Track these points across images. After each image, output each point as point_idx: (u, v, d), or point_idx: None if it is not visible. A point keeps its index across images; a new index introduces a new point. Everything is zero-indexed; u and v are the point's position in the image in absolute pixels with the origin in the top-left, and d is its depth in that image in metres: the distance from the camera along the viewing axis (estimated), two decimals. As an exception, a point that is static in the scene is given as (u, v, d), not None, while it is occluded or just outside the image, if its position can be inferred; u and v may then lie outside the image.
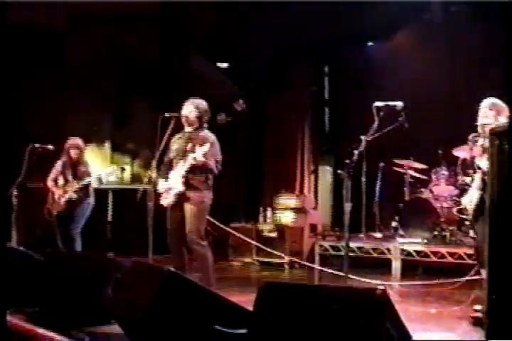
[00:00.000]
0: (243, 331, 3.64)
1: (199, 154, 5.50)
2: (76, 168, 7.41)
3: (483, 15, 8.35)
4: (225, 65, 10.61)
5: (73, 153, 7.40)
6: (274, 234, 9.10)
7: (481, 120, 5.14)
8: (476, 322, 4.91)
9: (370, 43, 10.37)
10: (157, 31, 10.27)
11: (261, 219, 9.65)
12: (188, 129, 5.92)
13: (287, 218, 9.33)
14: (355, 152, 4.61)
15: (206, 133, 5.85)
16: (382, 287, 3.16)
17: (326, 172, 11.19)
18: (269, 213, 9.52)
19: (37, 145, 7.18)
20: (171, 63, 10.41)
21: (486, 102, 5.19)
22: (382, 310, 3.13)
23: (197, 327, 3.62)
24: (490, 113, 5.09)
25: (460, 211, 7.55)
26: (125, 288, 4.15)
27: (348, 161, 4.57)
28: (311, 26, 9.61)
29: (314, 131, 10.98)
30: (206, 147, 5.51)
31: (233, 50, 10.33)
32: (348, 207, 4.61)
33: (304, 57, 10.77)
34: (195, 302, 3.68)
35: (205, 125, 5.93)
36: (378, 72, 10.04)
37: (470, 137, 7.49)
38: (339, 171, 4.80)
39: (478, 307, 5.02)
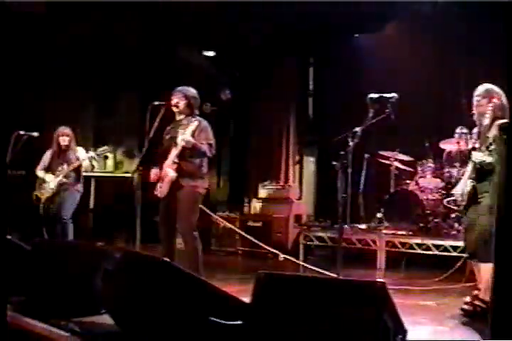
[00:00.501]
0: (238, 322, 3.61)
1: (187, 134, 5.45)
2: (66, 155, 7.43)
3: (470, 7, 8.34)
4: (211, 54, 10.51)
5: (62, 140, 7.44)
6: (258, 224, 9.10)
7: (475, 109, 5.05)
8: (466, 314, 4.92)
9: (357, 35, 10.31)
10: (143, 19, 10.14)
11: (245, 209, 9.63)
12: (179, 117, 5.86)
13: (272, 208, 9.31)
14: (351, 143, 4.58)
15: (198, 118, 5.78)
16: (381, 279, 3.15)
17: (309, 163, 11.20)
18: (254, 203, 9.51)
19: (22, 132, 7.10)
20: (157, 51, 10.30)
21: (479, 90, 5.06)
22: (381, 302, 3.12)
23: (190, 318, 3.57)
24: (483, 101, 4.98)
25: (449, 202, 7.57)
26: (116, 277, 4.09)
27: (343, 152, 4.54)
28: (298, 16, 9.57)
29: (300, 122, 10.97)
30: (192, 126, 5.48)
31: (220, 38, 10.25)
32: (343, 198, 4.56)
33: (290, 47, 10.72)
34: (189, 293, 3.62)
35: (197, 111, 5.87)
36: (365, 64, 10.04)
37: (457, 130, 7.55)
38: (334, 162, 4.76)
39: (467, 298, 5.02)
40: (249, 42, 10.42)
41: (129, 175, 8.52)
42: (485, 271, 4.96)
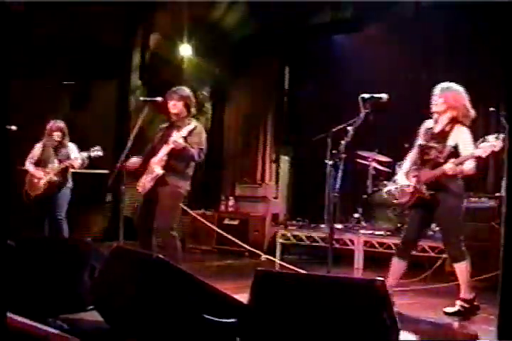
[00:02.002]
0: (232, 320, 3.59)
1: (179, 137, 5.40)
2: (58, 151, 7.30)
3: (450, 9, 8.42)
4: (189, 50, 10.42)
5: (56, 135, 7.30)
6: (235, 223, 9.08)
7: (432, 108, 5.15)
8: (450, 314, 4.99)
9: (337, 35, 10.34)
10: (121, 12, 10.05)
11: (222, 207, 9.60)
12: (175, 118, 5.80)
13: (249, 207, 9.30)
14: (342, 142, 4.60)
15: (192, 120, 5.75)
16: (381, 278, 3.15)
17: (284, 162, 11.21)
18: (231, 202, 9.48)
19: (-4, 124, 6.96)
20: (135, 46, 10.21)
21: (436, 89, 5.15)
22: (380, 300, 3.12)
23: (184, 316, 3.54)
24: (439, 100, 5.08)
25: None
26: (107, 274, 4.04)
27: (335, 152, 4.55)
28: (276, 16, 9.59)
29: (277, 121, 10.98)
30: (189, 127, 5.44)
31: (198, 35, 10.20)
32: (333, 197, 4.56)
33: (268, 47, 10.73)
34: (183, 291, 3.59)
35: (193, 111, 5.83)
36: (342, 64, 10.06)
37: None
38: (326, 161, 4.77)
39: (449, 309, 5.06)
40: (227, 41, 10.40)
41: (105, 171, 8.47)
42: (460, 270, 5.03)
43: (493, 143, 4.58)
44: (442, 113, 5.06)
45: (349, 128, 4.71)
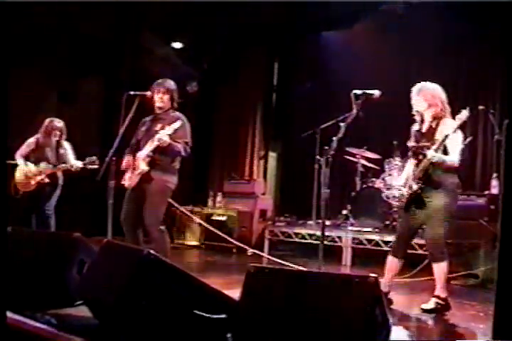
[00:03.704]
0: (223, 316, 3.58)
1: (164, 134, 5.36)
2: (55, 151, 7.24)
3: (440, 6, 8.44)
4: (178, 46, 10.39)
5: (54, 135, 7.24)
6: (223, 219, 9.06)
7: (414, 108, 5.16)
8: (426, 311, 4.99)
9: (326, 32, 10.33)
10: (110, 8, 9.97)
11: (210, 203, 9.58)
12: (158, 111, 5.76)
13: (237, 203, 9.28)
14: (334, 139, 4.58)
15: (177, 114, 5.71)
16: (374, 274, 3.15)
17: (272, 159, 11.21)
18: (219, 197, 9.47)
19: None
20: (123, 41, 10.15)
21: (414, 88, 5.18)
22: (373, 297, 3.12)
23: (175, 312, 3.52)
24: (418, 98, 5.11)
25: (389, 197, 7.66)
26: (97, 269, 4.01)
27: (327, 148, 4.54)
28: (266, 12, 9.57)
29: (265, 117, 10.98)
30: (175, 125, 5.37)
31: (187, 30, 10.17)
32: (324, 193, 4.54)
33: (256, 43, 10.72)
34: (174, 286, 3.57)
35: (175, 105, 5.79)
36: (331, 61, 10.07)
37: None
38: (317, 157, 4.77)
39: (425, 306, 5.06)
40: (216, 38, 10.37)
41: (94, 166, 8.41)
42: (438, 270, 5.05)
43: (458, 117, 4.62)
44: (425, 111, 5.08)
45: (341, 124, 4.69)
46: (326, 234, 8.03)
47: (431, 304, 5.01)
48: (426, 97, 5.07)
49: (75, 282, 4.39)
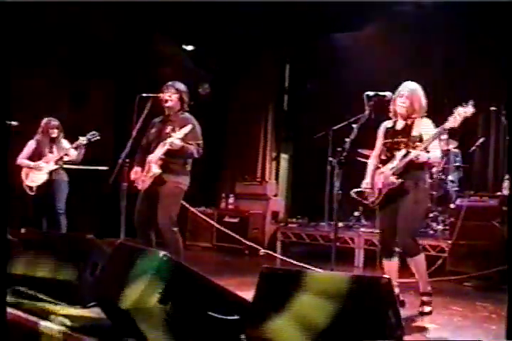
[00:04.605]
0: (236, 317, 3.59)
1: (176, 138, 5.38)
2: (53, 146, 7.44)
3: (451, 8, 8.42)
4: (190, 48, 10.43)
5: (53, 132, 7.44)
6: (235, 220, 9.07)
7: (398, 108, 5.13)
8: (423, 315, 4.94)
9: (337, 33, 10.32)
10: (122, 10, 10.01)
11: (222, 205, 9.59)
12: (168, 112, 5.79)
13: (249, 204, 9.30)
14: (347, 140, 4.58)
15: (187, 115, 5.73)
16: (386, 276, 3.15)
17: (284, 160, 11.23)
18: (231, 199, 9.48)
19: (1, 121, 6.97)
20: (135, 43, 10.19)
21: (403, 90, 5.19)
22: (386, 298, 3.12)
23: (188, 313, 3.53)
24: (403, 101, 5.09)
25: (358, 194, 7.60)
26: (110, 270, 4.02)
27: (340, 149, 4.54)
28: (277, 14, 9.58)
29: (277, 119, 10.99)
30: (186, 129, 5.39)
31: (199, 32, 10.19)
32: (337, 195, 4.54)
33: (269, 44, 10.73)
34: (187, 288, 3.58)
35: (186, 108, 5.81)
36: (342, 62, 10.06)
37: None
38: (330, 159, 4.77)
39: (424, 309, 5.01)
40: (227, 40, 10.39)
41: (105, 168, 8.47)
42: (416, 264, 4.98)
43: (460, 111, 4.60)
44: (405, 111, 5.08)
45: (354, 125, 4.69)
46: (339, 235, 8.07)
47: (427, 306, 4.98)
48: (410, 99, 5.06)
49: (89, 283, 4.42)
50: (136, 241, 5.66)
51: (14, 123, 7.10)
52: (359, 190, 5.47)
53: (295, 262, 7.53)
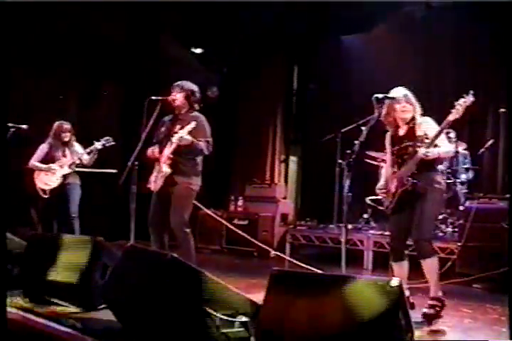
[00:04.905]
0: (246, 319, 3.60)
1: (184, 132, 5.39)
2: (66, 149, 7.44)
3: (460, 9, 8.42)
4: (198, 51, 10.46)
5: (65, 136, 7.43)
6: (244, 223, 9.08)
7: (401, 115, 5.08)
8: (426, 317, 4.86)
9: (346, 35, 10.32)
10: (130, 12, 10.04)
11: (232, 207, 9.60)
12: (177, 111, 5.80)
13: (258, 207, 9.31)
14: (356, 142, 4.57)
15: (196, 114, 5.74)
16: (397, 278, 3.16)
17: (293, 163, 11.23)
18: (240, 202, 9.49)
19: (10, 124, 6.99)
20: (143, 46, 10.22)
21: (399, 95, 5.11)
22: (396, 300, 3.13)
23: (197, 315, 3.54)
24: (405, 105, 5.07)
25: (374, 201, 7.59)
26: (120, 273, 4.04)
27: (349, 151, 4.53)
28: (287, 16, 9.59)
29: (286, 121, 11.00)
30: (189, 126, 5.40)
31: (207, 35, 10.21)
32: (347, 197, 4.54)
33: (277, 47, 10.74)
34: (197, 290, 3.59)
35: (196, 107, 5.81)
36: (351, 65, 10.08)
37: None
38: (339, 161, 4.77)
39: (427, 311, 4.94)
40: (236, 42, 10.41)
41: (114, 170, 8.49)
42: (429, 267, 4.94)
43: (461, 102, 4.59)
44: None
45: (363, 128, 4.69)
46: (348, 237, 8.05)
47: (430, 308, 4.90)
48: (409, 102, 5.05)
49: (99, 286, 4.44)
50: (147, 243, 5.70)
51: (24, 126, 7.12)
52: (373, 198, 5.45)
53: (304, 265, 7.53)
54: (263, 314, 3.37)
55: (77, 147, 7.51)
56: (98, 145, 7.20)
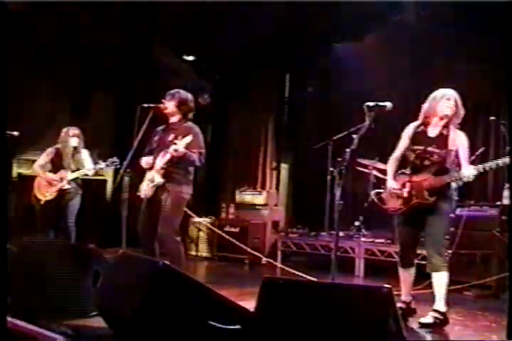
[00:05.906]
0: (237, 327, 3.60)
1: (180, 145, 5.40)
2: (74, 157, 7.32)
3: (454, 18, 8.46)
4: (190, 58, 10.49)
5: (74, 142, 7.33)
6: (235, 230, 9.08)
7: (444, 112, 5.08)
8: (424, 326, 4.88)
9: (337, 44, 10.35)
10: (122, 20, 10.05)
11: (223, 214, 9.61)
12: (171, 120, 5.81)
13: (249, 214, 9.32)
14: (347, 150, 4.58)
15: (189, 124, 5.75)
16: (387, 285, 3.16)
17: (284, 170, 11.24)
18: (231, 209, 9.50)
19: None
20: (136, 53, 10.23)
21: (446, 92, 5.16)
22: (387, 307, 3.13)
23: (190, 323, 3.54)
24: (449, 103, 5.08)
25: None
26: (112, 280, 4.04)
27: (340, 159, 4.55)
28: (277, 25, 9.62)
29: (277, 129, 11.02)
30: (189, 138, 5.41)
31: (199, 43, 10.23)
32: (338, 205, 4.55)
33: (268, 55, 10.75)
34: (189, 297, 3.59)
35: (190, 116, 5.82)
36: (342, 73, 10.09)
37: None
38: (331, 168, 4.79)
39: (424, 320, 4.94)
40: (227, 50, 10.43)
41: (105, 177, 8.48)
42: (438, 281, 4.96)
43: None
44: (447, 117, 5.07)
45: (354, 135, 4.70)
46: (339, 245, 8.07)
47: (429, 318, 4.90)
48: (457, 103, 5.05)
49: (90, 293, 4.43)
50: (138, 250, 5.68)
51: (15, 133, 7.09)
52: (379, 191, 5.47)
53: (296, 272, 7.54)
54: (254, 321, 3.36)
55: (84, 154, 7.39)
56: (102, 165, 7.09)
